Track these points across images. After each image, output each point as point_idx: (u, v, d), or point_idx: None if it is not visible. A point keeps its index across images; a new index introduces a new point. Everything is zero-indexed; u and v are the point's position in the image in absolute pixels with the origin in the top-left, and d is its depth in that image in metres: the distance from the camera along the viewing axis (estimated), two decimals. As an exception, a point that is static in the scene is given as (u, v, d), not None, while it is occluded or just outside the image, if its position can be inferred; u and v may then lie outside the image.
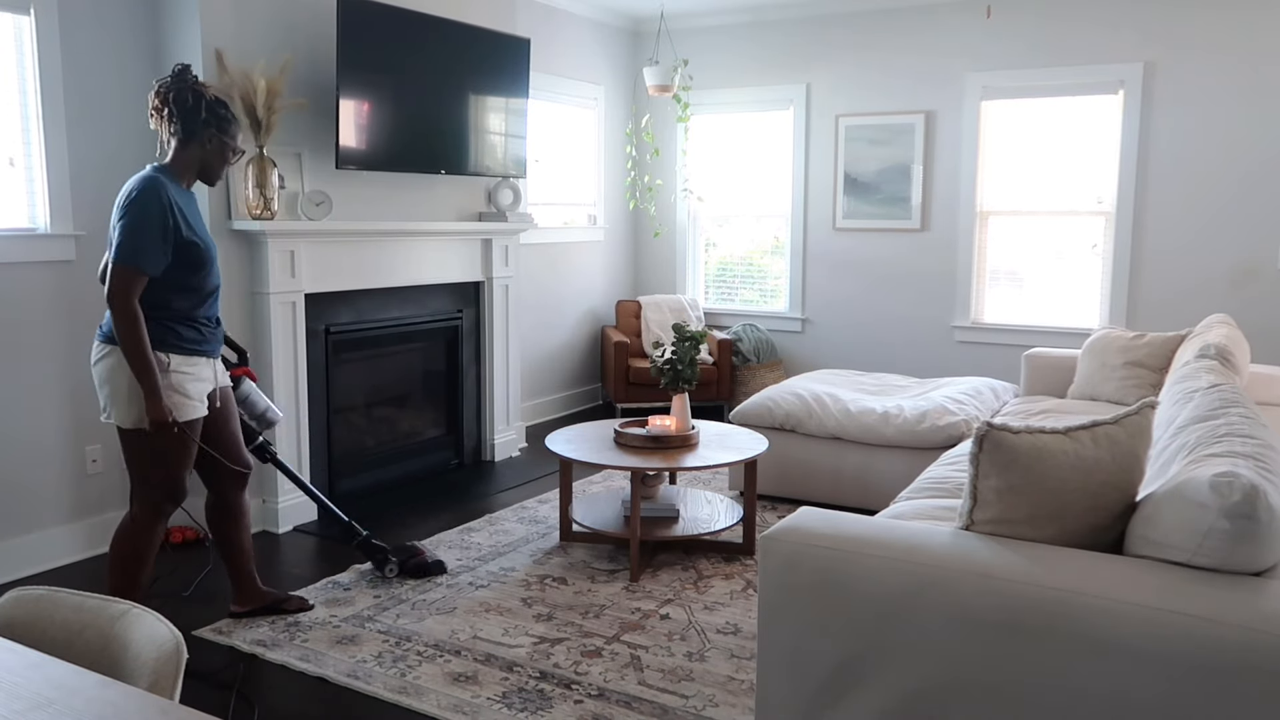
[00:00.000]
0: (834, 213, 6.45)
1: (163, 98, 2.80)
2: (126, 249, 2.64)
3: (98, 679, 1.22)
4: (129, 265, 2.64)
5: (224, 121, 2.86)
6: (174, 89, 2.79)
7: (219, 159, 2.89)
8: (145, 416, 2.72)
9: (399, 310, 4.75)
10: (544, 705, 2.67)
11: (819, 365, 6.58)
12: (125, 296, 2.64)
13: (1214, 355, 3.05)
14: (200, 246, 2.79)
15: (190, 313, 2.82)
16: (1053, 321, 5.93)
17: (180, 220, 2.73)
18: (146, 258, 2.66)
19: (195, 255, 2.78)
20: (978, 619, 1.75)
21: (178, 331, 2.78)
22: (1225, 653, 1.56)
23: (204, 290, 2.84)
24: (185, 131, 2.81)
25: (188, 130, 2.81)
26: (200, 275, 2.81)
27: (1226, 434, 2.01)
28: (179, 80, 2.81)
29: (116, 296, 2.64)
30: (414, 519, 4.29)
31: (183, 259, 2.75)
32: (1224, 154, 5.36)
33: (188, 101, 2.79)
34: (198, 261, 2.79)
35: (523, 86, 5.09)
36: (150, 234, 2.66)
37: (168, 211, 2.69)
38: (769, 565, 1.98)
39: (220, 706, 2.67)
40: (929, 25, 6.04)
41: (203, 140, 2.83)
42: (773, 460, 4.54)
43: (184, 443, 2.82)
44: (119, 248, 2.65)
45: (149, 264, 2.67)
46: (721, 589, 3.52)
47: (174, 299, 2.77)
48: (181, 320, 2.80)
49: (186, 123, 2.80)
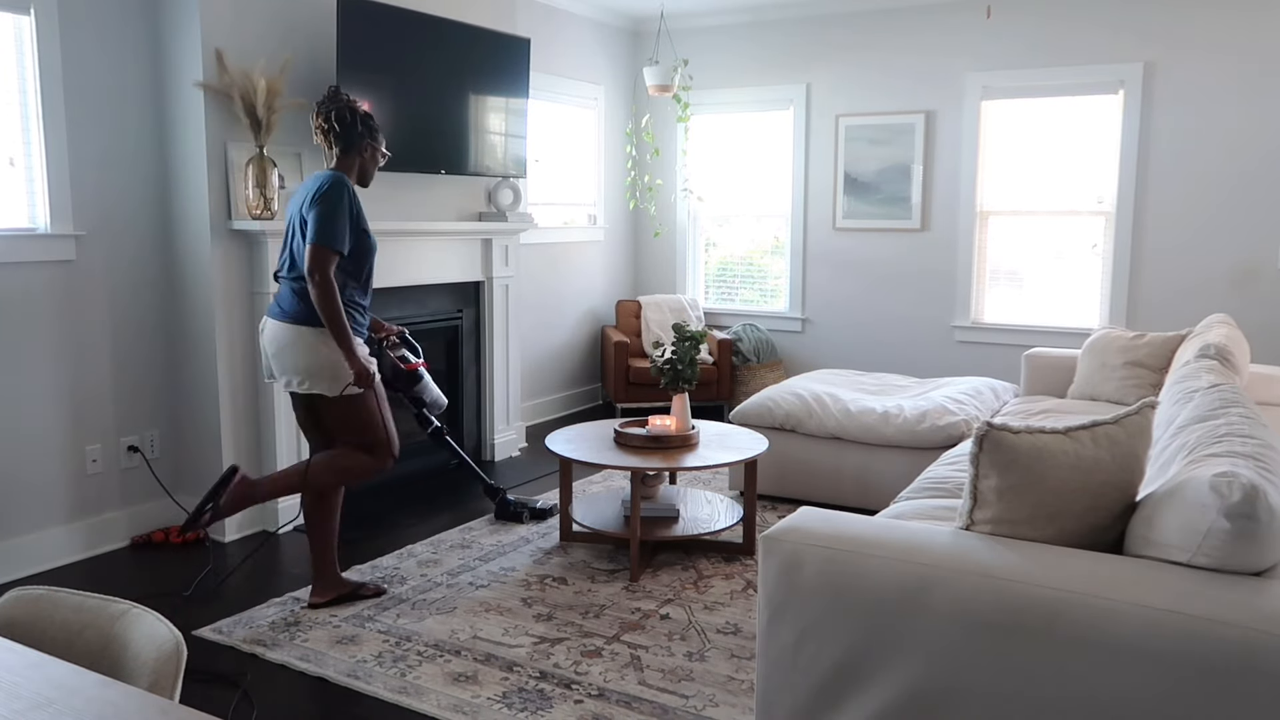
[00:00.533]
0: (834, 213, 6.45)
1: (325, 117, 3.20)
2: (323, 231, 3.01)
3: (98, 679, 1.22)
4: (325, 245, 3.02)
5: (374, 131, 3.26)
6: (333, 108, 3.19)
7: (373, 163, 3.29)
8: (348, 379, 3.09)
9: (399, 310, 4.75)
10: (544, 705, 2.67)
11: (819, 365, 6.58)
12: (324, 270, 3.01)
13: (1214, 355, 3.05)
14: (368, 238, 3.19)
15: (355, 298, 3.19)
16: (1053, 321, 5.93)
17: (358, 212, 3.13)
18: (339, 239, 3.04)
19: (364, 245, 3.17)
20: (978, 619, 1.75)
21: (349, 312, 3.14)
22: (1225, 653, 1.56)
23: (365, 278, 3.22)
24: (346, 143, 3.20)
25: (348, 142, 3.20)
26: (365, 265, 3.20)
27: (1226, 434, 2.01)
28: (334, 101, 3.21)
29: (316, 271, 3.01)
30: (414, 519, 4.29)
31: (354, 248, 3.13)
32: (1224, 154, 5.36)
33: (346, 118, 3.19)
34: (365, 252, 3.19)
35: (523, 86, 5.09)
36: (341, 220, 3.05)
37: (352, 202, 3.11)
38: (769, 565, 1.98)
39: (221, 706, 2.67)
40: (929, 25, 6.04)
41: (360, 149, 3.23)
42: (773, 460, 4.54)
43: (374, 402, 3.20)
44: (317, 231, 3.01)
45: (341, 244, 3.05)
46: (721, 589, 3.52)
47: (347, 284, 3.15)
48: (349, 303, 3.15)
49: (347, 136, 3.20)
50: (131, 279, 3.92)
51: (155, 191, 3.98)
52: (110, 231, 3.83)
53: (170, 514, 4.09)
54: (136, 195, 3.91)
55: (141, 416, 4.00)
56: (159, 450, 4.07)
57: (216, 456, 4.01)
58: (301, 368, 3.11)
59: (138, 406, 3.98)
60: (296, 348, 3.10)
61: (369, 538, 4.04)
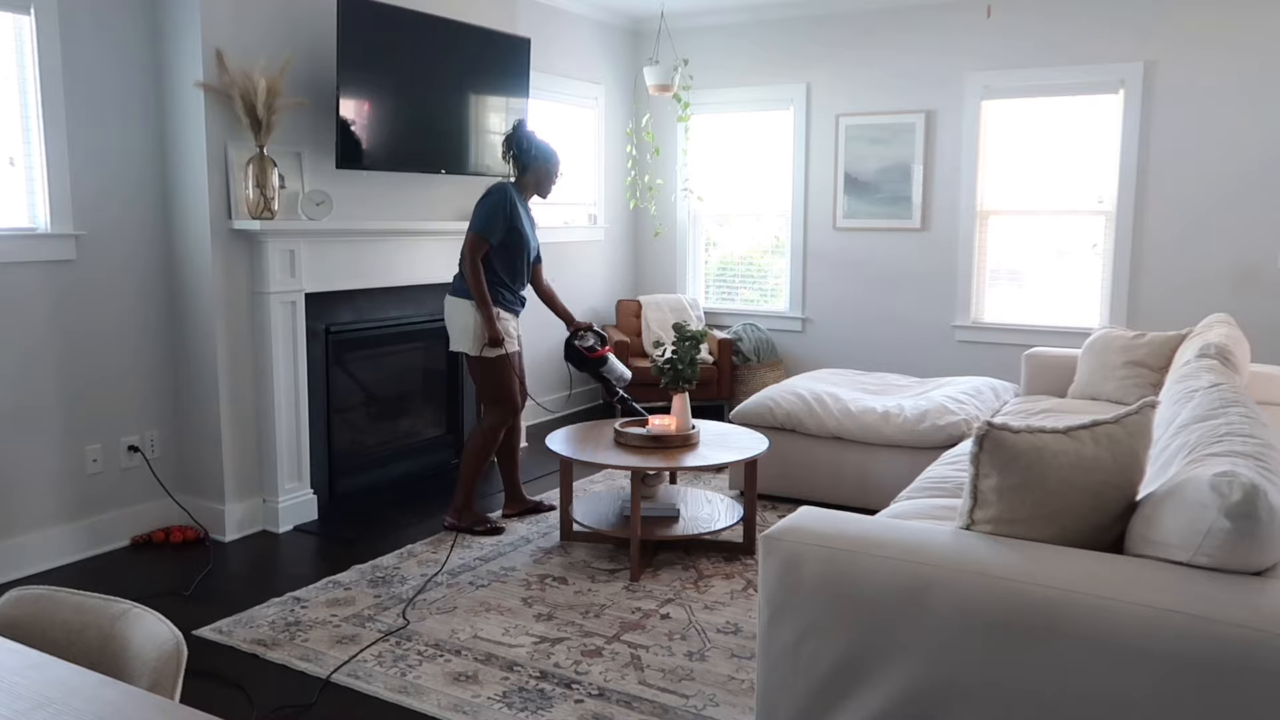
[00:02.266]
0: (834, 212, 6.45)
1: (508, 142, 4.06)
2: (479, 223, 3.90)
3: (98, 679, 1.22)
4: (479, 233, 3.89)
5: (546, 157, 4.04)
6: (515, 136, 4.04)
7: (546, 180, 4.08)
8: (485, 342, 3.93)
9: (399, 310, 4.75)
10: (544, 705, 2.67)
11: (819, 365, 6.58)
12: (473, 254, 3.88)
13: (1214, 355, 3.05)
14: (519, 235, 3.97)
15: (505, 281, 4.03)
16: (1053, 321, 5.93)
17: (513, 214, 3.94)
18: (491, 231, 3.90)
19: (514, 241, 3.97)
20: (978, 618, 1.75)
21: (497, 291, 4.01)
22: (1225, 652, 1.55)
23: (515, 268, 4.04)
24: (521, 164, 4.04)
25: (523, 163, 4.04)
26: (514, 257, 4.02)
27: (1227, 433, 2.00)
28: (517, 130, 4.05)
29: (467, 254, 3.89)
30: (414, 518, 4.29)
31: (506, 241, 3.95)
32: (1224, 153, 5.36)
33: (522, 145, 4.03)
34: (514, 246, 3.99)
35: (523, 86, 5.09)
36: (495, 217, 3.89)
37: (508, 205, 3.92)
38: (769, 565, 1.98)
39: (221, 706, 2.67)
40: (929, 25, 6.04)
41: (534, 168, 4.03)
42: (773, 460, 4.54)
43: (506, 363, 4.03)
44: (473, 222, 3.92)
45: (491, 235, 3.90)
46: (722, 588, 3.52)
47: (499, 270, 3.99)
48: (499, 284, 4.01)
49: (522, 158, 4.03)
50: (131, 279, 3.92)
51: (155, 191, 3.98)
52: (110, 231, 3.83)
53: (171, 514, 4.09)
54: (136, 195, 3.91)
55: (142, 416, 4.00)
56: (159, 450, 4.07)
57: (216, 456, 4.01)
58: (455, 331, 4.02)
59: (138, 406, 3.99)
60: (453, 315, 4.00)
61: (369, 537, 4.04)
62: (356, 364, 4.61)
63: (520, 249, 4.01)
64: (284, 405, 4.10)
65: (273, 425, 4.08)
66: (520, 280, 4.09)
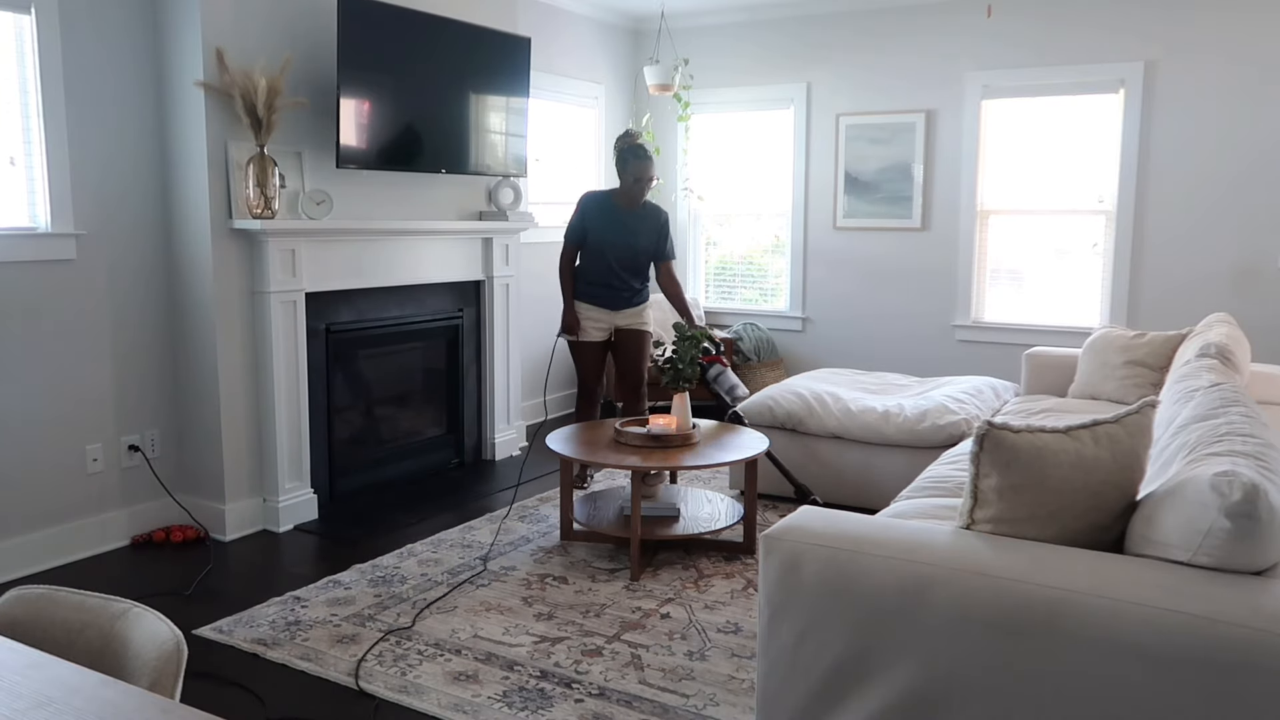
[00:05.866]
0: (834, 212, 6.45)
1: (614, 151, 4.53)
2: (567, 229, 4.56)
3: (98, 678, 1.22)
4: (566, 238, 4.56)
5: (636, 162, 4.39)
6: (617, 146, 4.49)
7: (634, 188, 4.44)
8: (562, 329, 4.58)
9: (399, 309, 4.75)
10: (544, 704, 2.67)
11: (819, 364, 6.58)
12: (562, 255, 4.59)
13: (1214, 354, 3.05)
14: (596, 238, 4.47)
15: (588, 277, 4.54)
16: (1053, 320, 5.93)
17: (585, 219, 4.49)
18: (568, 233, 4.55)
19: (592, 243, 4.49)
20: (978, 618, 1.75)
21: (580, 286, 4.56)
22: (1226, 652, 1.55)
23: (598, 268, 4.52)
24: (618, 171, 4.46)
25: (619, 170, 4.46)
26: (596, 259, 4.51)
27: (1227, 433, 2.00)
28: (621, 140, 4.50)
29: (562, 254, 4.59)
30: (414, 518, 4.29)
31: (587, 243, 4.51)
32: (1224, 153, 5.36)
33: (618, 154, 4.46)
34: (594, 248, 4.49)
35: (523, 85, 5.08)
36: (572, 222, 4.54)
37: (581, 211, 4.51)
38: (770, 564, 1.98)
39: (222, 705, 2.67)
40: (929, 24, 6.04)
41: (625, 176, 4.43)
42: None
43: (578, 351, 4.60)
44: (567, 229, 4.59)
45: (569, 237, 4.54)
46: (722, 588, 3.52)
47: (585, 268, 4.55)
48: (586, 280, 4.55)
49: (617, 165, 4.46)
50: (132, 278, 3.92)
51: (155, 191, 3.98)
52: (110, 231, 3.83)
53: (171, 513, 4.09)
54: (137, 194, 3.91)
55: (142, 416, 4.00)
56: (159, 449, 4.07)
57: (217, 456, 4.01)
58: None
59: (138, 405, 3.99)
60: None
61: (369, 536, 4.04)
62: (357, 363, 4.61)
63: (599, 250, 4.47)
64: (284, 405, 4.10)
65: (273, 425, 4.09)
66: (608, 278, 4.51)
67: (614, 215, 4.47)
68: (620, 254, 4.47)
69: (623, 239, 4.46)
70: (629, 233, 4.48)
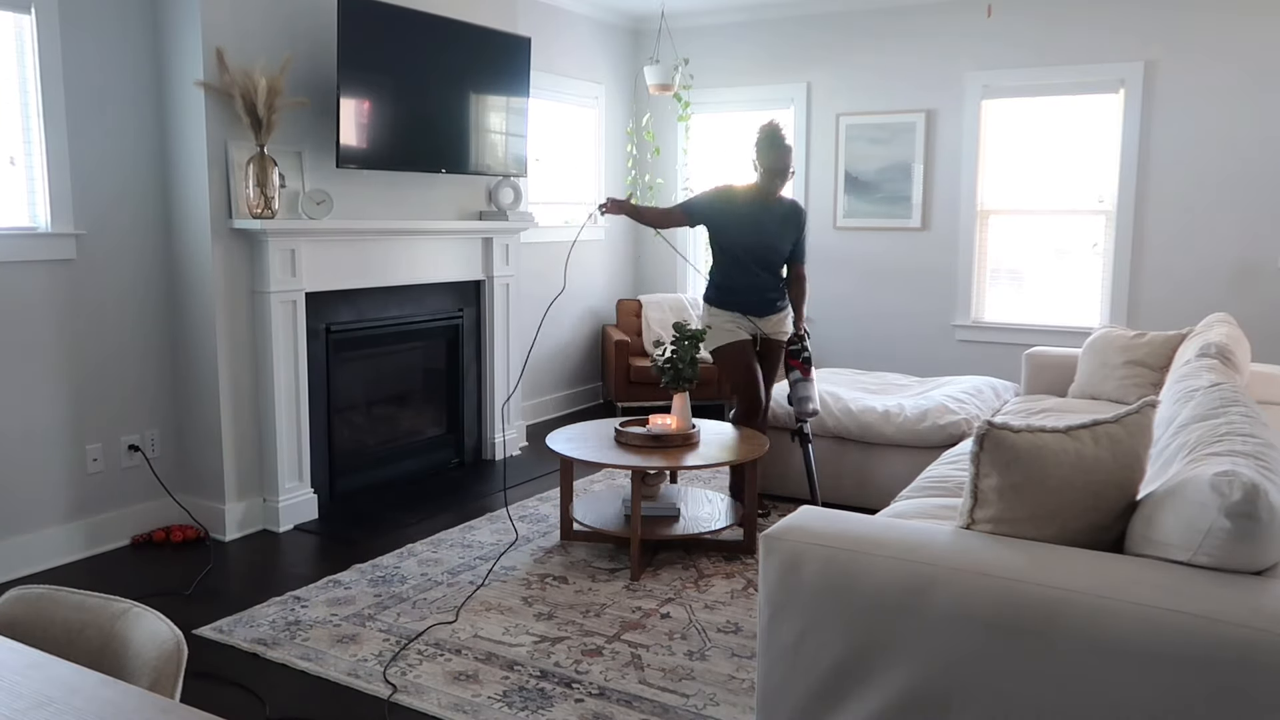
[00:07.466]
0: (834, 211, 6.45)
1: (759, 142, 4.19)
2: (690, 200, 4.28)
3: (98, 678, 1.22)
4: (682, 205, 4.28)
5: (771, 156, 4.08)
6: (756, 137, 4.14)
7: (765, 180, 4.11)
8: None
9: (399, 309, 4.75)
10: (544, 704, 2.67)
11: (819, 364, 6.58)
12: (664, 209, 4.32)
13: (1214, 354, 3.05)
14: (718, 229, 4.18)
15: (718, 280, 4.23)
16: (1053, 320, 5.93)
17: (715, 206, 4.17)
18: (690, 209, 4.23)
19: (718, 240, 4.20)
20: (978, 618, 1.75)
21: (709, 289, 4.26)
22: (1225, 652, 1.55)
23: (727, 269, 4.20)
24: (756, 161, 4.14)
25: (757, 160, 4.13)
26: (724, 259, 4.20)
27: (1227, 433, 2.00)
28: (759, 132, 4.14)
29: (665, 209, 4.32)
30: (415, 518, 4.29)
31: (713, 241, 4.22)
32: (1224, 153, 5.36)
33: (757, 142, 4.12)
34: (721, 247, 4.20)
35: (523, 85, 5.08)
36: (696, 203, 4.21)
37: (711, 199, 4.19)
38: (770, 564, 1.98)
39: (222, 705, 2.67)
40: (929, 24, 6.04)
41: (759, 169, 4.12)
42: (773, 460, 4.54)
43: (726, 355, 4.18)
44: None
45: (692, 213, 4.22)
46: (722, 588, 3.52)
47: (717, 270, 4.24)
48: (714, 284, 4.24)
49: (756, 157, 4.13)
50: (132, 278, 3.92)
51: (155, 191, 3.98)
52: (110, 231, 3.83)
53: (171, 513, 4.09)
54: (137, 194, 3.91)
55: (142, 415, 4.00)
56: (159, 449, 4.07)
57: (217, 455, 4.01)
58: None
59: (138, 405, 3.99)
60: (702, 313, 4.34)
61: (369, 536, 4.04)
62: (357, 363, 4.61)
63: (727, 249, 4.18)
64: (284, 404, 4.10)
65: (273, 424, 4.09)
66: (739, 281, 4.18)
67: (745, 210, 4.13)
68: (743, 254, 4.14)
69: (759, 238, 4.13)
70: (766, 232, 4.15)
